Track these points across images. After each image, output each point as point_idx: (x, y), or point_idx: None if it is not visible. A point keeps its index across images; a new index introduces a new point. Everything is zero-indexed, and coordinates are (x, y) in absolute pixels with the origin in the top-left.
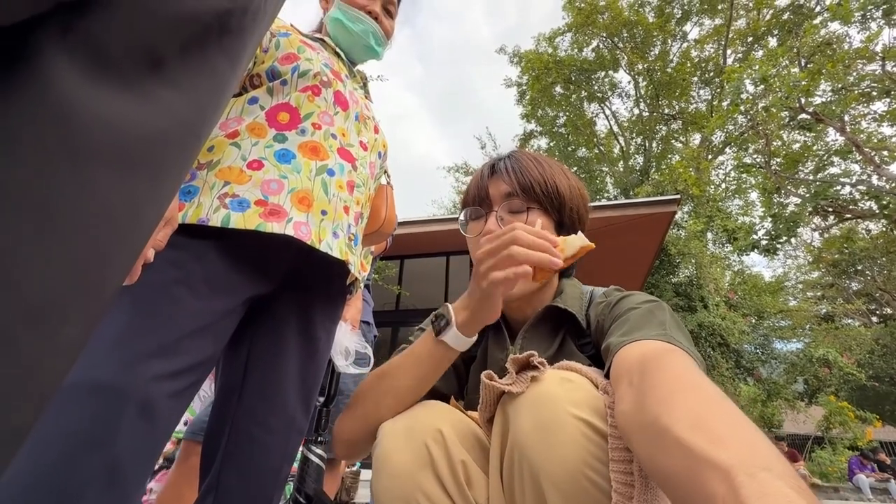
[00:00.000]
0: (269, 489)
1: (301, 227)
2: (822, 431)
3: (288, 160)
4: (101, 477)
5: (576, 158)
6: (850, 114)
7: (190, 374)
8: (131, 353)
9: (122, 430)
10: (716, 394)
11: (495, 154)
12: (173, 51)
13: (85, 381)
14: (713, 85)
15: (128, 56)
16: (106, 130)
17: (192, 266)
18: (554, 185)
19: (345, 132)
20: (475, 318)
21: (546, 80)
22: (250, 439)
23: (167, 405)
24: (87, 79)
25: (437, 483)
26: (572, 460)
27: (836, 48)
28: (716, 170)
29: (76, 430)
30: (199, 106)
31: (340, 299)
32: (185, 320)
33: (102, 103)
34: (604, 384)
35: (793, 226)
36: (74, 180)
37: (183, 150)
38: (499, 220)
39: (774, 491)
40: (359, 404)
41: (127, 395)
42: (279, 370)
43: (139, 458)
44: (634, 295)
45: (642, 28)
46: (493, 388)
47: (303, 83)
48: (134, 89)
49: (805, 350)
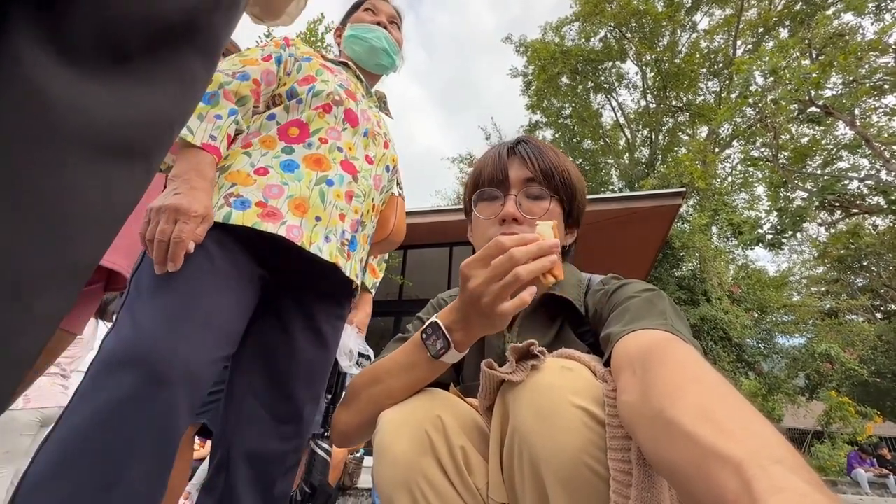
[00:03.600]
0: (274, 474)
1: (293, 229)
2: (822, 426)
3: (292, 170)
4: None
5: (581, 150)
6: (861, 107)
7: (227, 346)
8: (181, 330)
9: (168, 398)
10: (722, 384)
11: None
12: (139, 46)
13: (137, 355)
14: (722, 76)
15: (95, 49)
16: (74, 115)
17: (215, 249)
18: (568, 175)
19: (351, 146)
20: (472, 336)
21: (552, 70)
22: (259, 425)
23: (209, 373)
24: (57, 67)
25: (438, 468)
26: (572, 448)
27: (848, 40)
28: (722, 163)
29: (126, 397)
30: (170, 99)
31: (344, 301)
32: (223, 300)
33: (72, 90)
34: (602, 372)
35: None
36: (44, 161)
37: (154, 137)
38: (518, 204)
39: (790, 485)
40: (356, 401)
41: (176, 367)
42: (288, 361)
43: (182, 426)
44: (632, 283)
45: (651, 18)
46: (493, 377)
47: (316, 102)
48: (102, 80)
49: (807, 345)
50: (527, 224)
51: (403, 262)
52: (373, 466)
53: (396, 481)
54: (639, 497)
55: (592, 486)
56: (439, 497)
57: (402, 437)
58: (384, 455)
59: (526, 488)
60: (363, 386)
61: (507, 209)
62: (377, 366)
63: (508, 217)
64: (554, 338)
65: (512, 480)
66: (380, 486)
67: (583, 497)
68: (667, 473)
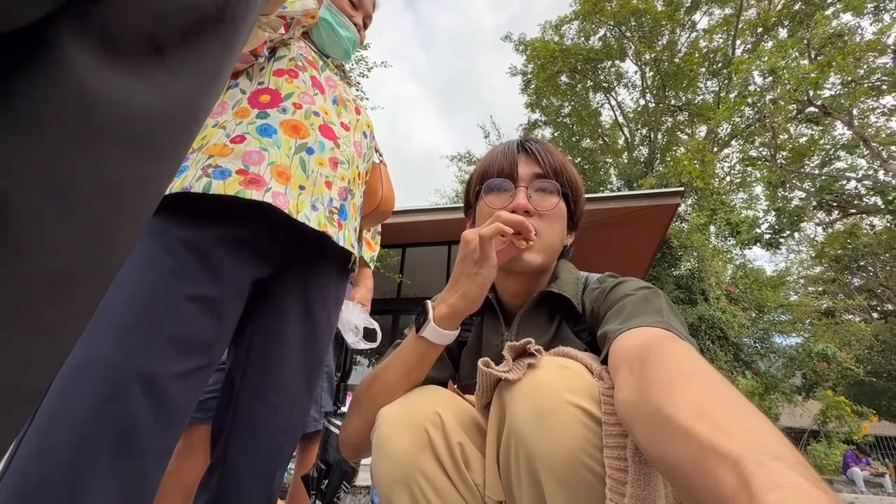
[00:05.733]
0: (272, 465)
1: (279, 196)
2: (819, 425)
3: (269, 134)
4: (110, 446)
5: (580, 149)
6: (859, 108)
7: (194, 357)
8: (133, 336)
9: (128, 405)
10: (719, 381)
11: (504, 139)
12: (174, 38)
13: (90, 360)
14: (721, 76)
15: (134, 43)
16: (117, 111)
17: (184, 253)
18: (574, 177)
19: (327, 111)
20: (454, 309)
21: (551, 68)
22: (254, 417)
23: (175, 386)
24: (99, 63)
25: (436, 464)
26: (568, 447)
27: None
28: (721, 162)
29: (83, 404)
30: (197, 90)
31: (342, 278)
32: (184, 306)
33: (113, 86)
34: (598, 370)
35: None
36: (89, 159)
37: (182, 131)
38: (528, 197)
39: (787, 481)
40: (357, 407)
41: (129, 373)
42: (281, 350)
43: (149, 433)
44: (629, 281)
45: (650, 17)
46: (490, 375)
47: (276, 66)
48: (140, 74)
49: (804, 345)
50: (537, 217)
51: (402, 260)
52: (371, 463)
53: (395, 478)
54: (634, 495)
55: (589, 484)
56: (438, 494)
57: (401, 434)
58: (382, 452)
59: (523, 486)
60: (364, 388)
61: (518, 200)
62: (376, 367)
63: (520, 209)
64: (552, 335)
65: (509, 479)
66: (378, 482)
67: (579, 495)
68: (664, 470)
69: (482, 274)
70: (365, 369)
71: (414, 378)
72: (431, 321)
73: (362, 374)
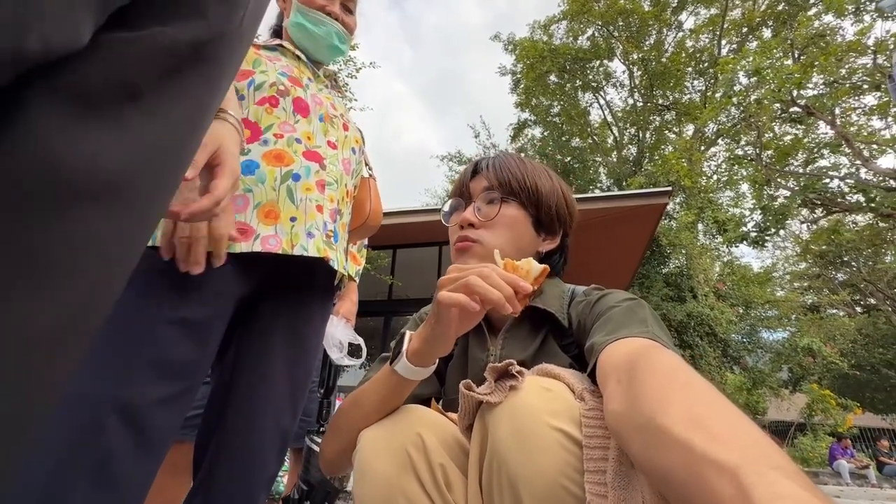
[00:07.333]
0: (255, 488)
1: (269, 240)
2: (805, 418)
3: (252, 171)
4: (88, 479)
5: (570, 148)
6: (841, 107)
7: (175, 381)
8: (110, 366)
9: (106, 438)
10: (710, 390)
11: (489, 143)
12: (151, 82)
13: (67, 395)
14: (707, 76)
15: (108, 93)
16: (90, 167)
17: (162, 276)
18: (533, 183)
19: (310, 135)
20: (427, 347)
21: (541, 68)
22: (238, 439)
23: (156, 411)
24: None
25: (419, 486)
26: (550, 471)
27: (829, 40)
28: (708, 161)
29: (60, 441)
30: (179, 130)
31: (328, 297)
32: (163, 330)
33: (86, 141)
34: (580, 391)
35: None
36: (64, 223)
37: (165, 174)
38: (476, 210)
39: (789, 492)
40: (337, 430)
41: (106, 405)
42: (265, 371)
43: (128, 463)
44: (614, 293)
45: (638, 17)
46: (472, 398)
47: (259, 95)
48: (114, 122)
49: (790, 339)
50: (483, 228)
51: (393, 261)
52: (353, 484)
53: (377, 500)
54: None
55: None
56: None
57: (382, 456)
58: (364, 474)
59: None
60: (344, 410)
61: (463, 215)
62: (358, 390)
63: (464, 222)
64: (537, 350)
65: (491, 501)
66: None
67: None
68: (658, 480)
69: (438, 330)
70: (356, 372)
71: (390, 406)
72: (404, 355)
73: (352, 377)
